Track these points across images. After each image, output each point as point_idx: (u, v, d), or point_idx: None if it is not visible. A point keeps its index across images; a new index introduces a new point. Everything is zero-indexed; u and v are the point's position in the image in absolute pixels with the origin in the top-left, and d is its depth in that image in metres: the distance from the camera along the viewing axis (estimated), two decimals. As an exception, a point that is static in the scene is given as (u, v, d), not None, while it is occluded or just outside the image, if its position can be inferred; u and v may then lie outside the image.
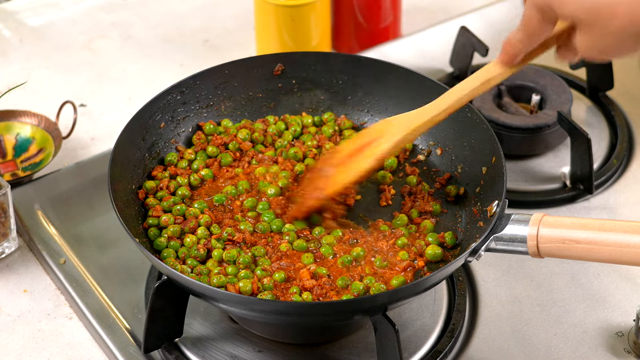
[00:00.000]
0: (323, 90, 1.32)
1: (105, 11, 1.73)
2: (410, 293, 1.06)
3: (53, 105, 1.48)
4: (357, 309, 1.05)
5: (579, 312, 1.21)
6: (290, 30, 1.50)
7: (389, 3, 1.59)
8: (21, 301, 1.24)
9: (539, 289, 1.24)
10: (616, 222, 1.02)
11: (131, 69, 1.61)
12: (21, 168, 1.38)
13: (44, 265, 1.28)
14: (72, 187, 1.38)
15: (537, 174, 1.39)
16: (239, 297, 1.06)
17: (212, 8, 1.73)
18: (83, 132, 1.48)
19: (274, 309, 1.05)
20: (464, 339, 1.18)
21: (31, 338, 1.20)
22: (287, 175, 1.23)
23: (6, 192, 1.26)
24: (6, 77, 1.58)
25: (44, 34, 1.68)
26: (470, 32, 1.50)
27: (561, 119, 1.37)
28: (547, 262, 1.27)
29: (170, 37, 1.67)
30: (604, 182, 1.38)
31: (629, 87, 1.54)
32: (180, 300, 1.12)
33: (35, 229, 1.31)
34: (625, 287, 1.24)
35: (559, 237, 1.02)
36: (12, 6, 1.74)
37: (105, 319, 1.20)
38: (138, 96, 1.54)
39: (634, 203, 1.37)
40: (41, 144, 1.41)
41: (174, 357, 1.14)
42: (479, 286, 1.24)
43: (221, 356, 1.15)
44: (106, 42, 1.66)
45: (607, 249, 1.01)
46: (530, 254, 1.04)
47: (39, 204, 1.34)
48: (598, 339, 1.18)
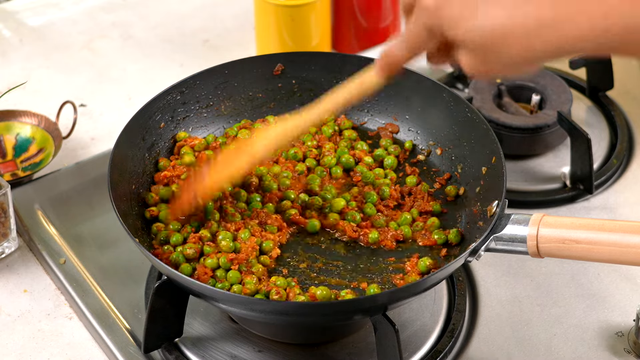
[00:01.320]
0: (323, 90, 1.32)
1: (105, 11, 1.73)
2: (410, 293, 1.06)
3: (53, 105, 1.48)
4: (357, 309, 1.05)
5: (579, 312, 1.21)
6: (290, 30, 1.50)
7: (389, 3, 1.59)
8: (21, 301, 1.24)
9: (539, 289, 1.24)
10: (616, 222, 1.02)
11: (131, 69, 1.61)
12: (21, 168, 1.38)
13: (44, 265, 1.28)
14: (72, 187, 1.38)
15: (537, 174, 1.39)
16: (239, 297, 1.06)
17: (212, 8, 1.73)
18: (83, 132, 1.48)
19: (273, 309, 1.05)
20: (464, 339, 1.18)
21: (31, 338, 1.20)
22: (288, 175, 1.23)
23: (6, 192, 1.26)
24: (6, 77, 1.58)
25: (44, 34, 1.68)
26: (470, 32, 1.50)
27: (561, 119, 1.37)
28: (547, 262, 1.27)
29: (170, 37, 1.67)
30: (604, 182, 1.38)
31: (629, 87, 1.54)
32: (180, 300, 1.12)
33: (35, 229, 1.31)
34: (625, 287, 1.24)
35: (558, 237, 1.02)
36: (12, 6, 1.74)
37: (105, 319, 1.20)
38: (138, 96, 1.54)
39: (634, 203, 1.37)
40: (41, 144, 1.41)
41: (174, 357, 1.14)
42: (479, 286, 1.24)
43: (221, 356, 1.15)
44: (106, 42, 1.66)
45: (607, 249, 1.01)
46: (530, 254, 1.05)
47: (39, 204, 1.34)
48: (598, 339, 1.18)
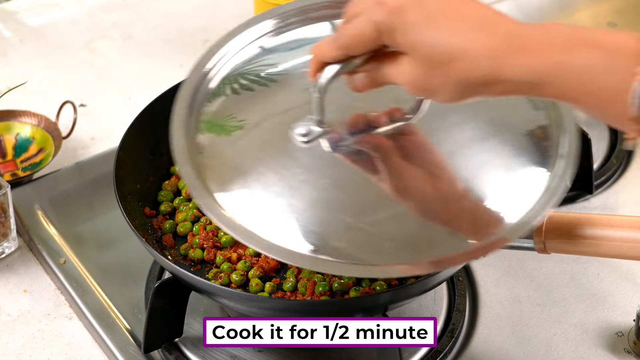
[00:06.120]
0: (323, 90, 1.32)
1: (105, 11, 1.73)
2: (411, 293, 1.06)
3: (53, 105, 1.48)
4: (357, 308, 1.05)
5: (579, 312, 1.21)
6: (290, 30, 1.50)
7: (389, 3, 1.59)
8: (21, 301, 1.24)
9: (539, 289, 1.24)
10: (623, 217, 1.01)
11: (131, 69, 1.61)
12: (21, 168, 1.38)
13: (44, 265, 1.28)
14: (72, 187, 1.38)
15: (537, 174, 1.39)
16: (242, 295, 1.06)
17: (212, 8, 1.73)
18: (83, 132, 1.48)
19: (275, 306, 1.05)
20: (464, 339, 1.18)
21: (31, 338, 1.20)
22: None
23: (6, 192, 1.26)
24: (6, 77, 1.58)
25: (44, 34, 1.68)
26: (470, 32, 1.50)
27: (561, 119, 1.37)
28: (547, 262, 1.27)
29: (170, 37, 1.67)
30: (604, 182, 1.38)
31: (629, 87, 1.54)
32: (180, 300, 1.12)
33: (35, 229, 1.31)
34: (625, 287, 1.24)
35: (565, 233, 1.02)
36: (12, 6, 1.74)
37: (105, 319, 1.20)
38: (138, 96, 1.54)
39: (634, 203, 1.37)
40: (41, 144, 1.41)
41: (174, 357, 1.14)
42: (479, 286, 1.24)
43: (221, 356, 1.15)
44: (106, 42, 1.66)
45: (615, 244, 1.00)
46: (537, 250, 1.04)
47: (39, 204, 1.34)
48: (598, 339, 1.18)
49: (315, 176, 1.00)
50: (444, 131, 1.03)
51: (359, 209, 0.99)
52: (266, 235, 0.96)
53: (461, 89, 0.88)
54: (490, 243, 0.96)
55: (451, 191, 1.00)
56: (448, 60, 0.87)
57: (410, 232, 0.98)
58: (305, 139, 1.01)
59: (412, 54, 0.89)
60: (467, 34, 0.87)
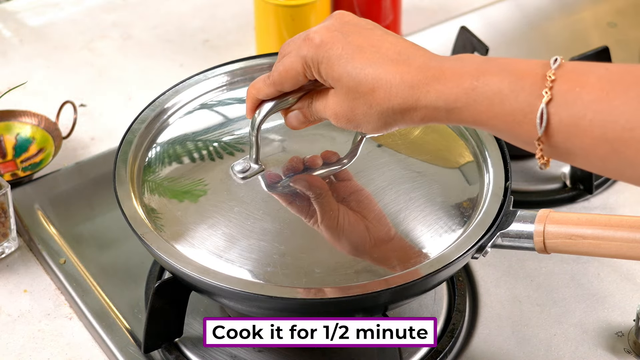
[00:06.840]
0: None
1: (105, 11, 1.73)
2: (411, 293, 1.06)
3: (53, 105, 1.48)
4: (357, 308, 1.05)
5: (579, 312, 1.21)
6: (290, 30, 1.50)
7: (389, 3, 1.59)
8: (21, 301, 1.24)
9: (539, 289, 1.24)
10: (623, 217, 1.01)
11: (131, 69, 1.61)
12: (21, 168, 1.38)
13: (44, 265, 1.28)
14: (72, 187, 1.38)
15: (537, 174, 1.39)
16: (243, 295, 1.06)
17: (212, 8, 1.74)
18: (83, 132, 1.48)
19: (275, 306, 1.05)
20: (464, 339, 1.19)
21: (31, 338, 1.20)
22: None
23: (6, 192, 1.26)
24: (6, 77, 1.58)
25: (44, 34, 1.68)
26: (470, 32, 1.50)
27: (561, 119, 1.37)
28: (547, 262, 1.27)
29: (170, 37, 1.67)
30: (604, 182, 1.38)
31: (629, 87, 1.54)
32: (180, 300, 1.12)
33: (35, 229, 1.31)
34: (625, 287, 1.24)
35: (565, 233, 1.02)
36: (12, 6, 1.74)
37: (105, 319, 1.20)
38: (138, 96, 1.54)
39: (634, 203, 1.37)
40: (41, 144, 1.41)
41: (174, 357, 1.14)
42: (479, 286, 1.24)
43: (221, 356, 1.15)
44: (106, 42, 1.66)
45: (615, 244, 1.01)
46: (537, 250, 1.04)
47: (39, 204, 1.34)
48: (598, 339, 1.18)
49: (252, 208, 1.05)
50: (376, 169, 1.09)
51: (292, 238, 1.05)
52: (202, 261, 1.03)
53: (383, 118, 0.93)
54: (407, 274, 1.03)
55: (380, 233, 1.06)
56: (369, 90, 0.92)
57: (339, 261, 1.04)
58: (242, 175, 1.07)
59: (336, 86, 0.95)
60: (386, 65, 0.92)
